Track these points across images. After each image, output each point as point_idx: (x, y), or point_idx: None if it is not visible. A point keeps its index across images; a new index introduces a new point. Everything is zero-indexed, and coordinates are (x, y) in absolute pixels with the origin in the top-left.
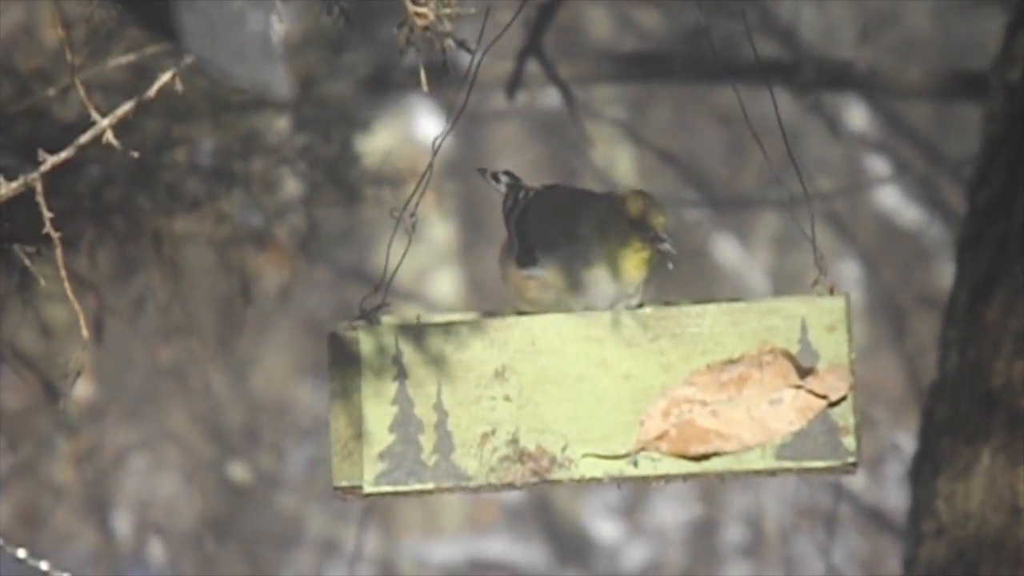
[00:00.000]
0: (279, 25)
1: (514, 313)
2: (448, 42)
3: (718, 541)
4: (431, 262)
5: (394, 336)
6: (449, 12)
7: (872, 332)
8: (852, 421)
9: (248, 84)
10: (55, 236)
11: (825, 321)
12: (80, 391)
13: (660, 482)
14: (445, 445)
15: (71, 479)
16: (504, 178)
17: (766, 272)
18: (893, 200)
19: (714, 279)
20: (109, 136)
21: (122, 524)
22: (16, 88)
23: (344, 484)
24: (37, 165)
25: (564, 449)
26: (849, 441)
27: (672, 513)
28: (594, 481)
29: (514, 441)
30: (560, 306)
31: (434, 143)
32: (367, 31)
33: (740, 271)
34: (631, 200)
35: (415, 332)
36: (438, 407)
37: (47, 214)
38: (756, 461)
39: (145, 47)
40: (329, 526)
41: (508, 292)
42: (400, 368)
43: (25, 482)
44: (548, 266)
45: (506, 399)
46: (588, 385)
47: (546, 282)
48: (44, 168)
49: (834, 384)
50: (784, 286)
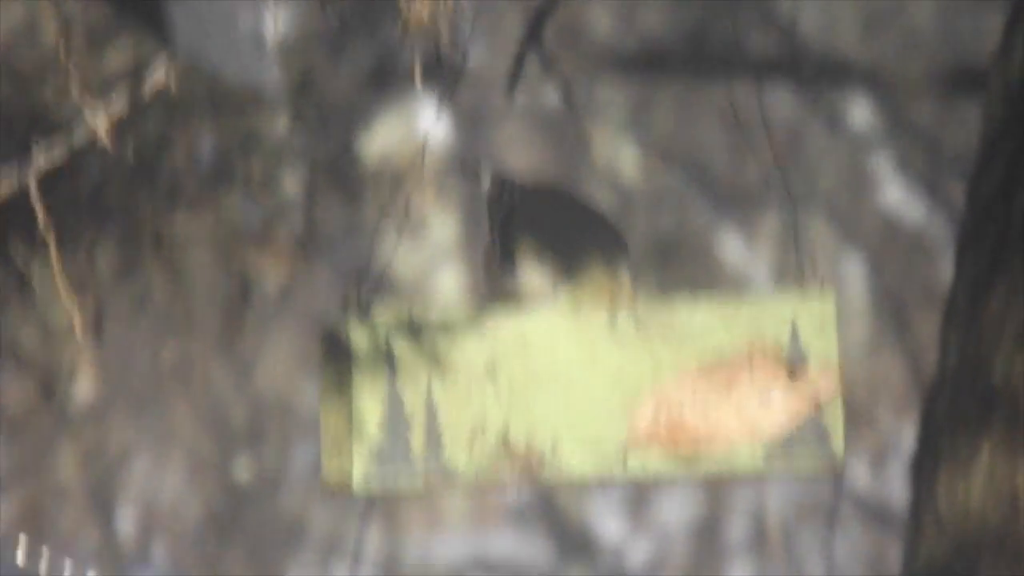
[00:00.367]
0: (273, 24)
1: (505, 310)
2: (443, 39)
3: (722, 538)
4: (433, 260)
5: (385, 331)
6: (444, 8)
7: (874, 329)
8: (841, 422)
9: (240, 83)
10: (50, 237)
11: (815, 321)
12: (82, 391)
13: (651, 482)
14: (435, 442)
15: (74, 479)
16: (486, 171)
17: (770, 271)
18: (895, 197)
19: (717, 278)
20: (103, 136)
21: (125, 524)
22: (15, 88)
23: (334, 481)
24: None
25: (553, 447)
26: (838, 443)
27: (676, 510)
28: (583, 480)
29: (504, 439)
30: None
31: (424, 138)
32: (367, 30)
33: (744, 270)
34: None
35: (406, 327)
36: (428, 404)
37: (41, 214)
38: (745, 462)
39: (140, 47)
40: (333, 524)
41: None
42: (391, 364)
43: (27, 482)
44: (527, 276)
45: (496, 396)
46: (578, 383)
47: (521, 291)
48: (38, 168)
49: (824, 385)
50: (788, 285)
